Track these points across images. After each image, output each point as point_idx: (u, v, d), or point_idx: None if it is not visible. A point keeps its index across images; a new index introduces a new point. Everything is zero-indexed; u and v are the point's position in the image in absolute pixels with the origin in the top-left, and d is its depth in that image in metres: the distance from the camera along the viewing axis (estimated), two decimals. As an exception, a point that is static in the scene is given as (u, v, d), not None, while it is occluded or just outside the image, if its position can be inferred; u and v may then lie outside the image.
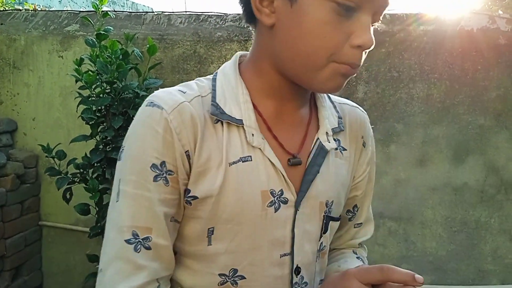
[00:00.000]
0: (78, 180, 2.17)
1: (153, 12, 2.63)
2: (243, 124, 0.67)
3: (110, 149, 2.12)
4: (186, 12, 2.55)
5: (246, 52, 0.78)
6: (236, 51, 2.32)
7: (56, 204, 2.64)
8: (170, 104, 0.64)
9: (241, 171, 0.66)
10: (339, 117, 0.78)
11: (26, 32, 2.66)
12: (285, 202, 0.69)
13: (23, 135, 2.69)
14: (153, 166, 0.62)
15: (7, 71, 2.69)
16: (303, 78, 0.65)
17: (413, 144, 2.22)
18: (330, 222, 0.75)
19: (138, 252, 0.61)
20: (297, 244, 0.70)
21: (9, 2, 3.51)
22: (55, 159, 2.21)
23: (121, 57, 2.15)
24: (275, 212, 0.68)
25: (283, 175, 0.68)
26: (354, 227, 0.90)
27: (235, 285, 0.69)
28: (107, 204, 2.33)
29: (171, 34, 2.45)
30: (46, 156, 2.23)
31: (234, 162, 0.66)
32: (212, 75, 0.74)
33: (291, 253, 0.70)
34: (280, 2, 0.63)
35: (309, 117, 0.75)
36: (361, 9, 0.59)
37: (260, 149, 0.67)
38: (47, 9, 3.05)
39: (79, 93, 2.13)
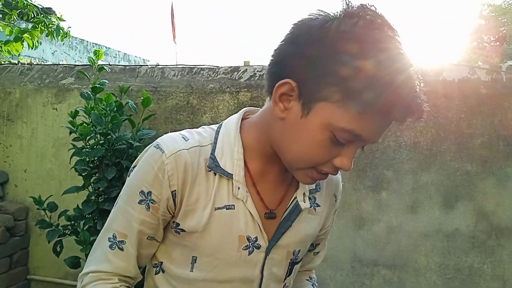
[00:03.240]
0: (69, 233, 2.14)
1: (147, 65, 2.71)
2: (232, 178, 0.78)
3: (102, 200, 2.12)
4: (179, 65, 2.64)
5: (253, 108, 0.87)
6: (228, 102, 2.40)
7: (45, 257, 2.59)
8: (170, 149, 0.76)
9: (224, 216, 0.78)
10: None
11: (21, 85, 2.72)
12: (258, 247, 0.81)
13: (14, 187, 2.68)
14: (141, 192, 0.77)
15: (1, 123, 2.71)
16: (285, 164, 0.77)
17: (403, 191, 2.25)
18: (295, 265, 0.89)
19: (113, 249, 0.78)
20: (264, 283, 0.83)
21: (4, 56, 3.59)
22: (46, 211, 2.19)
23: (115, 109, 2.20)
24: (248, 254, 0.80)
25: (259, 225, 0.80)
26: (314, 254, 1.05)
27: None
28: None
29: (165, 86, 2.52)
30: (37, 208, 2.22)
31: (219, 208, 0.78)
32: (217, 125, 0.84)
33: None
34: (295, 107, 0.70)
35: (291, 178, 0.85)
36: (352, 143, 0.69)
37: (243, 201, 0.78)
38: (42, 63, 3.12)
39: (73, 145, 2.15)
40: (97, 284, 0.77)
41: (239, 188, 0.78)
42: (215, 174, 0.78)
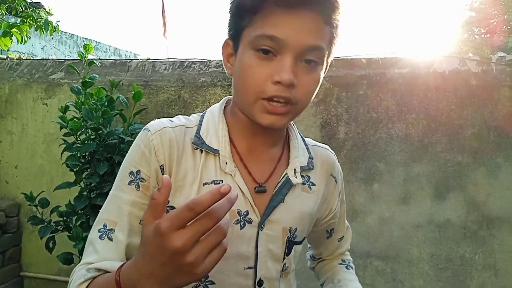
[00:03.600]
0: (61, 228, 2.13)
1: (138, 59, 2.69)
2: (219, 154, 0.80)
3: (94, 195, 2.11)
4: (170, 59, 2.62)
5: None
6: (220, 95, 2.39)
7: (37, 254, 2.57)
8: (155, 127, 0.80)
9: None
10: (310, 157, 0.91)
11: (10, 81, 2.68)
12: (250, 222, 0.80)
13: (5, 183, 2.65)
14: (130, 173, 0.78)
15: (-10, 119, 2.68)
16: (246, 113, 0.79)
17: (395, 183, 2.27)
18: (294, 246, 0.87)
19: (102, 239, 0.75)
20: (260, 260, 0.82)
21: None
22: (38, 207, 2.17)
23: (106, 103, 2.18)
24: (240, 229, 0.79)
25: (249, 199, 0.80)
26: (338, 241, 1.06)
27: None
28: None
29: (156, 80, 2.50)
30: (29, 205, 2.20)
31: (207, 183, 0.79)
32: (202, 112, 0.88)
33: (255, 267, 0.82)
34: (234, 57, 0.78)
35: (280, 155, 0.87)
36: (281, 52, 0.71)
37: (231, 175, 0.80)
38: (31, 58, 3.09)
39: (64, 140, 2.13)
40: (78, 270, 0.74)
41: (226, 162, 0.80)
42: (201, 151, 0.80)
